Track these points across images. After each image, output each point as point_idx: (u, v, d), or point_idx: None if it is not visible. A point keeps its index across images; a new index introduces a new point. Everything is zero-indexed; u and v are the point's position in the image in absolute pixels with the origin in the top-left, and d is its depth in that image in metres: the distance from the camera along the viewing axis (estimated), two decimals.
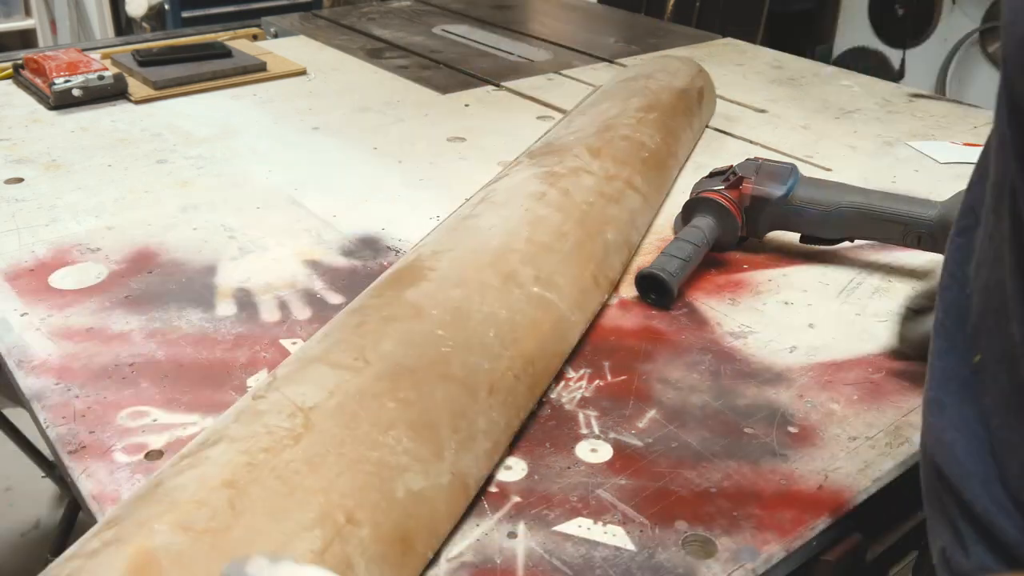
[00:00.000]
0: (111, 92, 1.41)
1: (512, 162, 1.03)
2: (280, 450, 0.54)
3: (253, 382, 0.76)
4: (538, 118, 1.38)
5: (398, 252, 0.99)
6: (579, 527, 0.62)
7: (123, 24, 3.21)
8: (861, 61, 3.45)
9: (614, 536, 0.62)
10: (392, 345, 0.64)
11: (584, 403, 0.75)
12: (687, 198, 0.98)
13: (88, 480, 0.65)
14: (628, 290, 0.91)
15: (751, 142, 1.32)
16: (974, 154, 1.27)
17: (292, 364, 0.64)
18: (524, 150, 1.07)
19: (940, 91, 3.27)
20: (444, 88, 1.52)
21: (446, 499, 0.59)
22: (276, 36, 1.89)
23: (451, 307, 0.69)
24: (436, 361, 0.64)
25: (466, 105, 1.45)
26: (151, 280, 0.92)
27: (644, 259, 0.98)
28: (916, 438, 0.72)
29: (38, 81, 1.41)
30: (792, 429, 0.73)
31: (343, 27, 1.90)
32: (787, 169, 0.96)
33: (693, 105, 1.18)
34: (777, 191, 0.94)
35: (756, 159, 0.99)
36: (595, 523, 0.63)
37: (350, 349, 0.64)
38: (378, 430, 0.57)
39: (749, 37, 2.17)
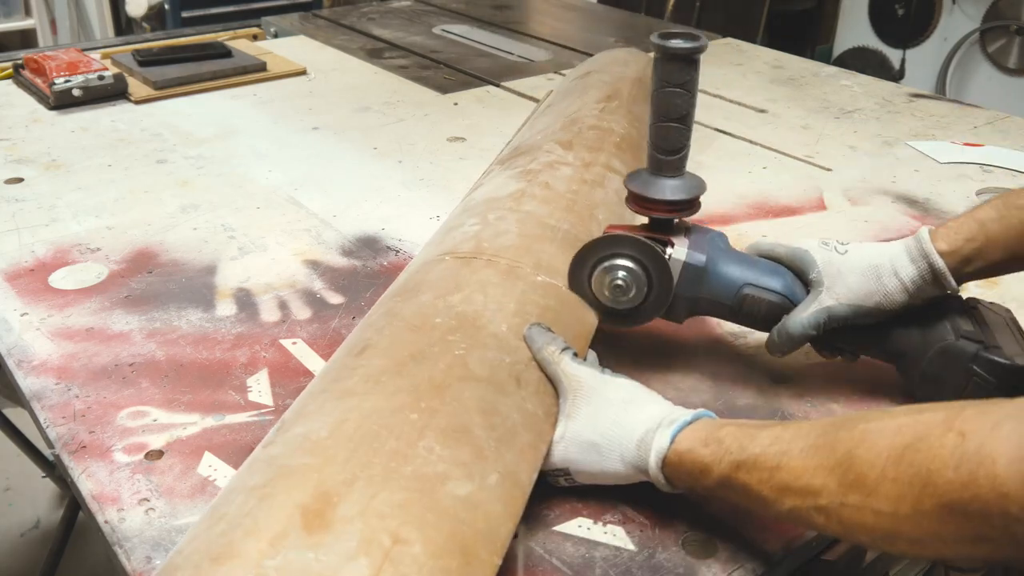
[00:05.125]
0: (111, 92, 1.41)
1: (484, 173, 1.01)
2: (304, 487, 0.51)
3: (253, 382, 0.76)
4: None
5: (398, 252, 0.99)
6: (579, 527, 0.62)
7: (123, 24, 3.21)
8: (861, 61, 3.45)
9: (614, 536, 0.62)
10: (400, 361, 0.62)
11: None
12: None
13: (88, 480, 0.65)
14: None
15: (751, 142, 1.32)
16: (974, 154, 1.27)
17: (297, 406, 0.61)
18: (493, 160, 1.05)
19: (940, 91, 3.27)
20: (444, 88, 1.52)
21: (500, 499, 0.55)
22: (276, 36, 1.89)
23: (455, 312, 0.67)
24: (452, 365, 0.62)
25: (455, 104, 1.45)
26: (151, 280, 0.92)
27: None
28: None
29: (38, 81, 1.41)
30: None
31: (343, 27, 1.90)
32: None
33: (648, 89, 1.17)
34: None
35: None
36: (595, 523, 0.63)
37: (355, 376, 0.61)
38: (405, 443, 0.54)
39: (749, 37, 2.17)
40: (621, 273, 0.72)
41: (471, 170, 1.20)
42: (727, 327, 0.86)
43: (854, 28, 3.55)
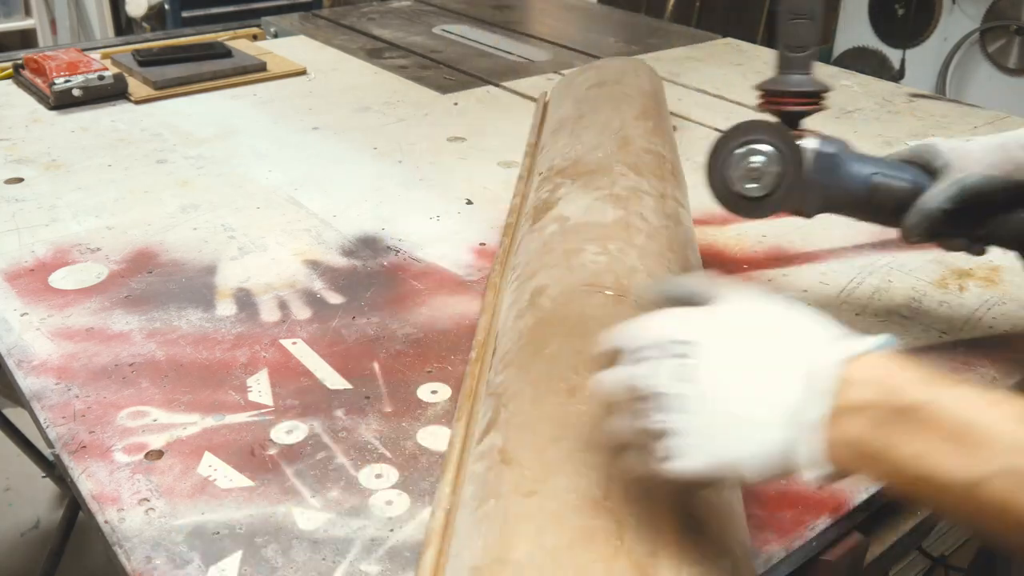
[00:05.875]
0: (111, 92, 1.41)
1: (533, 177, 0.99)
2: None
3: (253, 382, 0.76)
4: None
5: (398, 252, 0.99)
6: None
7: (123, 24, 3.20)
8: (861, 61, 3.45)
9: None
10: None
11: None
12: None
13: (88, 480, 0.65)
14: None
15: None
16: None
17: (525, 449, 0.56)
18: (542, 165, 1.02)
19: (940, 91, 3.27)
20: (444, 88, 1.52)
21: (745, 572, 0.54)
22: (276, 36, 1.89)
23: None
24: None
25: (455, 104, 1.45)
26: (151, 280, 0.92)
27: None
28: None
29: (38, 81, 1.41)
30: None
31: (343, 27, 1.90)
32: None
33: (663, 105, 1.18)
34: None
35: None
36: None
37: (582, 427, 0.56)
38: (675, 510, 0.52)
39: (749, 37, 2.16)
40: (756, 157, 0.73)
41: (471, 170, 1.20)
42: None
43: (854, 28, 3.55)
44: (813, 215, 0.76)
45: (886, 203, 0.74)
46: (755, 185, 0.74)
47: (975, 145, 0.73)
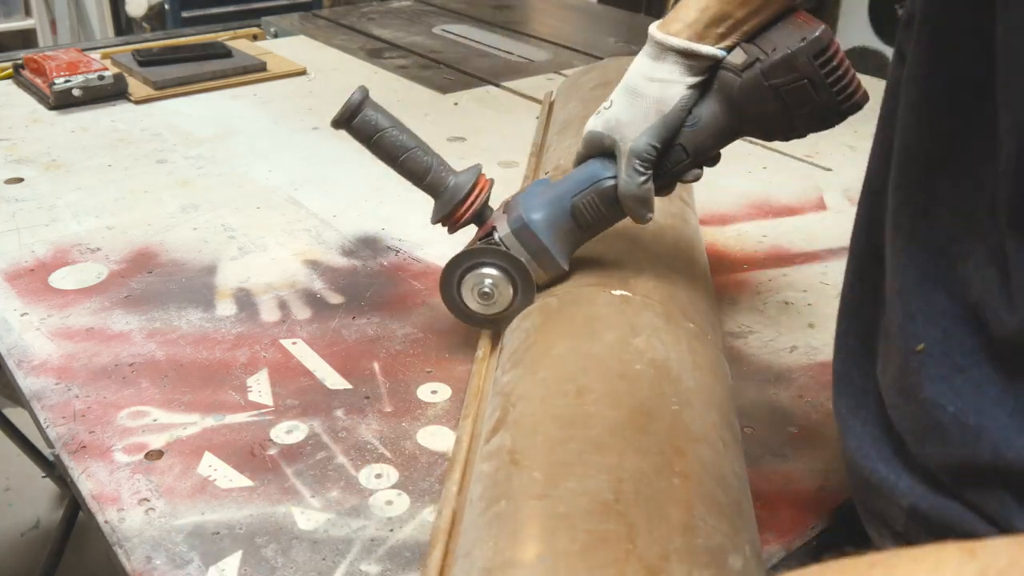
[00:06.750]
0: (111, 92, 1.41)
1: (548, 173, 0.99)
2: (628, 560, 0.47)
3: (253, 382, 0.76)
4: (537, 118, 1.38)
5: (398, 252, 0.99)
6: None
7: (123, 24, 3.21)
8: (861, 61, 3.45)
9: None
10: (630, 414, 0.57)
11: None
12: None
13: (88, 480, 0.65)
14: None
15: (751, 142, 1.32)
16: None
17: (536, 451, 0.55)
18: (548, 165, 1.01)
19: None
20: (444, 88, 1.52)
21: (758, 569, 0.52)
22: (276, 36, 1.89)
23: (647, 359, 0.62)
24: (676, 424, 0.57)
25: (455, 104, 1.45)
26: (151, 280, 0.92)
27: None
28: None
29: (38, 81, 1.41)
30: (792, 429, 0.73)
31: (343, 27, 1.90)
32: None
33: None
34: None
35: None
36: None
37: (595, 425, 0.56)
38: (687, 513, 0.50)
39: None
40: (486, 280, 0.74)
41: None
42: (727, 327, 0.86)
43: (854, 28, 3.55)
44: (567, 268, 0.74)
45: (598, 213, 0.73)
46: (493, 303, 0.74)
47: (618, 109, 0.71)
